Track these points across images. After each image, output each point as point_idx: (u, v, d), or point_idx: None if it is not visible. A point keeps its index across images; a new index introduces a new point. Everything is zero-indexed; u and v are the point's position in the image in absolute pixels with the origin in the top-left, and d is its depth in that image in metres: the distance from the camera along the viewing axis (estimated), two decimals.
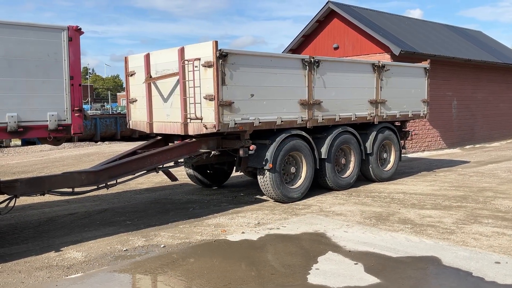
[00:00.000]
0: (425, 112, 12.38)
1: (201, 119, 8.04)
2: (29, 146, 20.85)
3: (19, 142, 23.75)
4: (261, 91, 8.45)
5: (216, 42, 7.73)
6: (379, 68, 10.76)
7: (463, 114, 20.09)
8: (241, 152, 8.42)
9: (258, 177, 8.86)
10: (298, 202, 9.05)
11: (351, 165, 10.41)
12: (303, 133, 9.20)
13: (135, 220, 7.81)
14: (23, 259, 5.90)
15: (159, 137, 9.52)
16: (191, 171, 10.47)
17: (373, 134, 10.79)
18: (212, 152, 8.58)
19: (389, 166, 11.51)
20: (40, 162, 15.70)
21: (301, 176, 9.29)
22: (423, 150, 18.05)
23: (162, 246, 6.39)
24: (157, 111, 9.07)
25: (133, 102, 9.72)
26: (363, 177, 11.19)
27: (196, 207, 8.76)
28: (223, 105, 7.84)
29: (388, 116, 11.12)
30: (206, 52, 7.84)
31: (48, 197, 9.62)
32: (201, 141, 8.46)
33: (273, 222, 7.56)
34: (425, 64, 12.33)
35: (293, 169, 9.17)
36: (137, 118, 9.68)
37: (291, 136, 8.96)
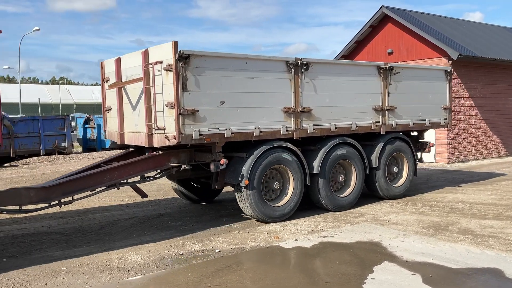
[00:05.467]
0: (446, 120, 10.86)
1: (164, 129, 7.15)
2: (90, 153, 21.82)
3: (80, 149, 24.92)
4: (234, 98, 7.46)
5: (176, 42, 6.83)
6: (385, 71, 9.44)
7: None
8: (212, 166, 7.49)
9: (236, 194, 7.96)
10: (352, 210, 8.93)
11: (352, 182, 9.12)
12: (289, 145, 8.13)
13: (191, 225, 8.01)
14: (86, 260, 6.19)
15: (132, 149, 8.82)
16: (175, 185, 9.62)
17: (380, 145, 9.52)
18: (183, 166, 7.73)
19: (401, 181, 10.13)
20: None
21: (287, 193, 8.28)
22: (483, 158, 17.33)
23: (217, 251, 6.51)
24: (128, 120, 8.30)
25: (108, 110, 9.01)
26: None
27: None
28: (184, 114, 6.92)
29: (398, 125, 9.77)
30: (167, 54, 6.96)
31: (109, 201, 10.04)
32: (170, 154, 7.66)
33: (327, 230, 7.51)
34: (446, 66, 11.18)
35: (277, 185, 8.17)
36: (112, 128, 8.90)
37: (273, 149, 7.98)
